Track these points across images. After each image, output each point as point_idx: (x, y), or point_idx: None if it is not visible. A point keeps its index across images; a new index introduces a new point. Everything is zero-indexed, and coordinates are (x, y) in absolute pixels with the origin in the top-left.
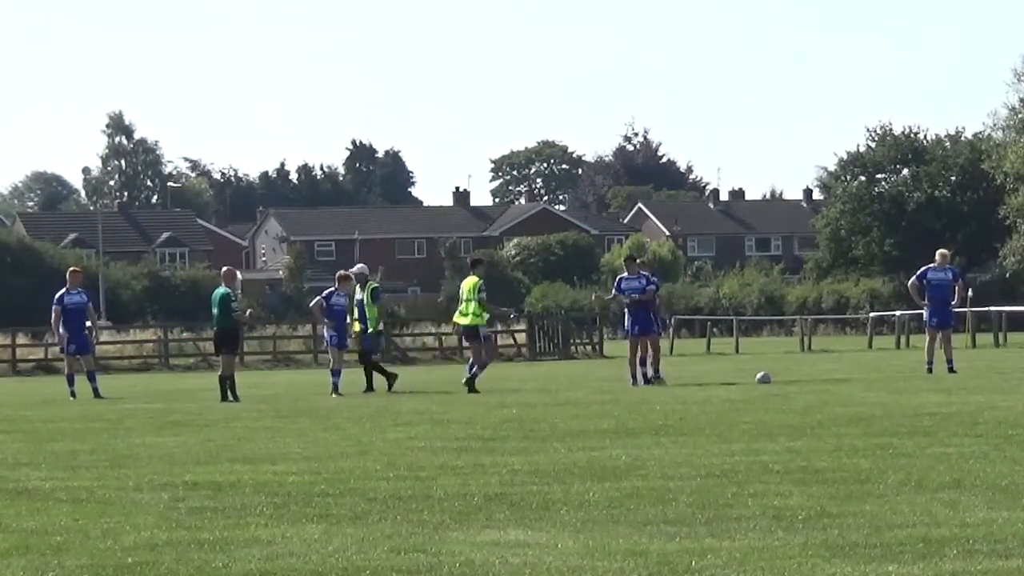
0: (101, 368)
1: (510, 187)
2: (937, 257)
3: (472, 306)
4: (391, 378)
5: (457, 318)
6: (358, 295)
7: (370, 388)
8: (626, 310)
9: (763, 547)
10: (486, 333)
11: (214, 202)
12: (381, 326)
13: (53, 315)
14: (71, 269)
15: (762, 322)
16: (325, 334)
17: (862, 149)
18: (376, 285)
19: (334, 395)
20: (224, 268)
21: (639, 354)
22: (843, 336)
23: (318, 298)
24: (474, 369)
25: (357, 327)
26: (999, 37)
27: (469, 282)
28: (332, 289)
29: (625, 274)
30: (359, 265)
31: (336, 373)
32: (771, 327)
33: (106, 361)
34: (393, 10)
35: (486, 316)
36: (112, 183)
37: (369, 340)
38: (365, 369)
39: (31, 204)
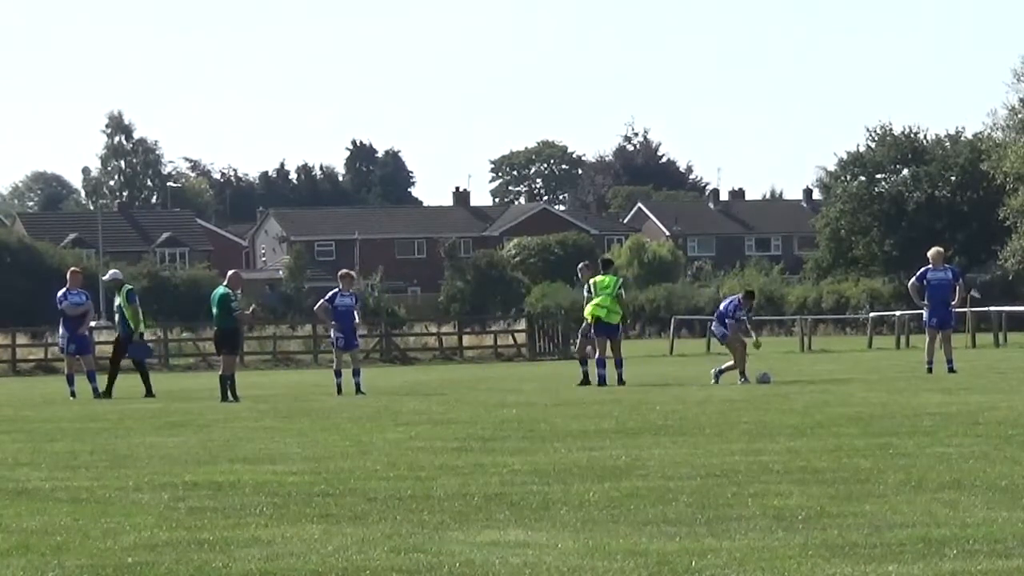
0: (101, 368)
1: (510, 187)
2: (932, 255)
3: (611, 301)
4: (148, 388)
5: (593, 311)
6: (116, 301)
7: (149, 393)
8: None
9: (763, 547)
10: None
11: (214, 202)
12: (143, 328)
13: (63, 308)
14: (71, 269)
15: (762, 322)
16: (332, 335)
17: (862, 149)
18: (131, 287)
19: (361, 393)
20: (231, 272)
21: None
22: (843, 336)
23: (322, 301)
24: (619, 368)
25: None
26: (999, 37)
27: (607, 279)
28: (336, 290)
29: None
30: (111, 272)
31: (338, 374)
32: (771, 327)
33: (106, 361)
34: (393, 10)
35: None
36: (112, 183)
37: (137, 348)
38: (142, 375)
39: (31, 204)
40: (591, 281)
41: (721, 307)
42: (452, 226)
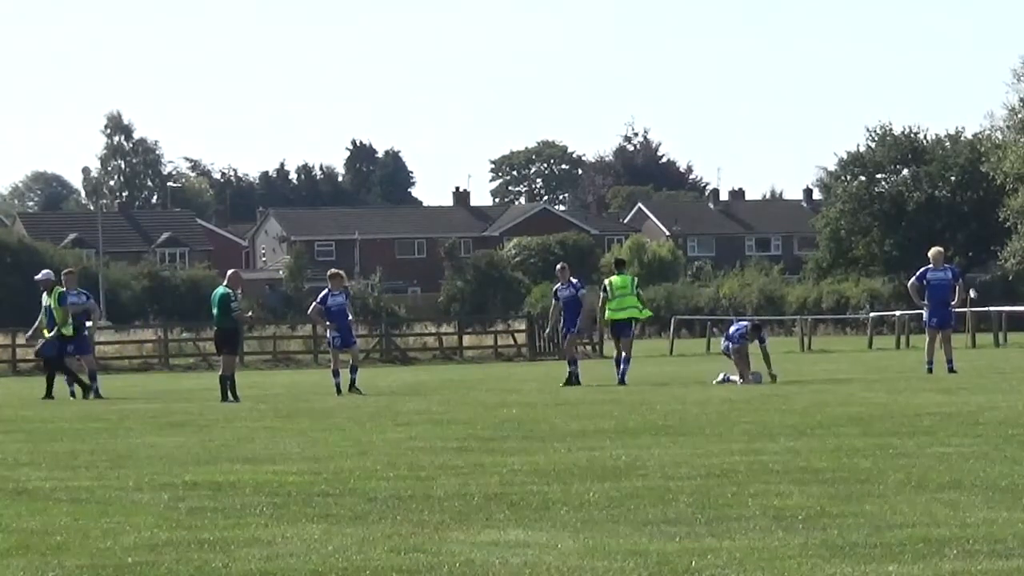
0: (101, 368)
1: (510, 187)
2: (932, 255)
3: (633, 300)
4: (84, 387)
5: (612, 315)
6: (45, 301)
7: (49, 395)
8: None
9: (763, 547)
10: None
11: (214, 202)
12: (68, 330)
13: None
14: (66, 271)
15: (762, 322)
16: (328, 335)
17: (862, 149)
18: (63, 290)
19: (353, 393)
20: (230, 271)
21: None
22: (843, 336)
23: (315, 303)
24: (625, 365)
25: (47, 333)
26: (999, 37)
27: (624, 279)
28: (327, 290)
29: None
30: (44, 271)
31: (336, 374)
32: (771, 327)
33: (106, 361)
34: (393, 10)
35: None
36: (112, 183)
37: (50, 346)
38: (50, 376)
39: (31, 204)
40: (607, 282)
41: (731, 330)
42: (452, 226)
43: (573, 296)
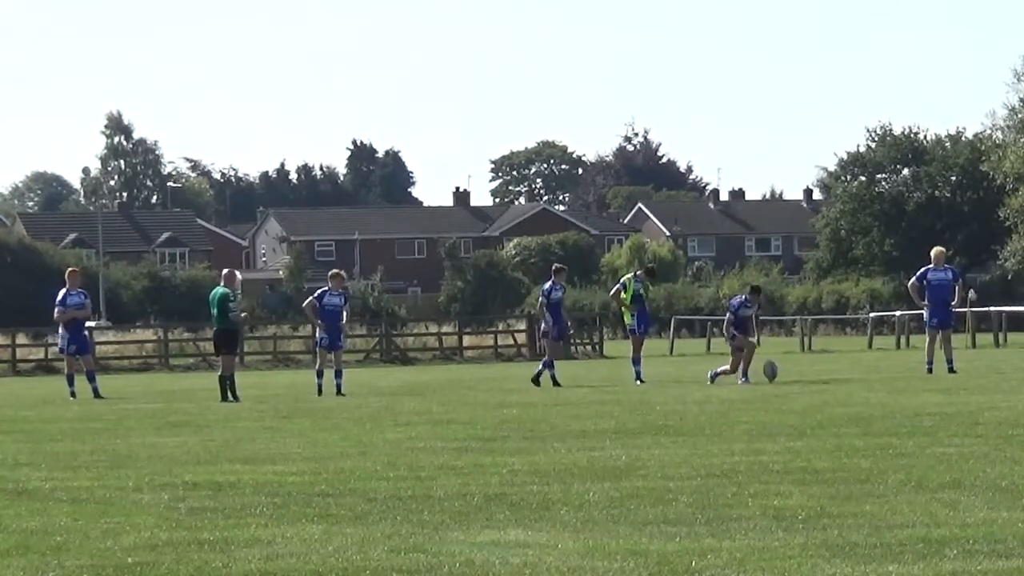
0: (101, 368)
1: (510, 187)
2: (934, 255)
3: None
4: None
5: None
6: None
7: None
8: None
9: (763, 547)
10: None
11: (214, 202)
12: None
13: (56, 315)
14: (70, 269)
15: (762, 322)
16: (316, 335)
17: (862, 149)
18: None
19: (341, 394)
20: (225, 269)
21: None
22: (843, 336)
23: (310, 298)
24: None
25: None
26: (999, 37)
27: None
28: (325, 288)
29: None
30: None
31: (320, 375)
32: (771, 327)
33: (106, 361)
34: (393, 11)
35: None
36: (112, 183)
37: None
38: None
39: (31, 204)
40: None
41: (733, 302)
42: (452, 226)
43: (561, 299)
